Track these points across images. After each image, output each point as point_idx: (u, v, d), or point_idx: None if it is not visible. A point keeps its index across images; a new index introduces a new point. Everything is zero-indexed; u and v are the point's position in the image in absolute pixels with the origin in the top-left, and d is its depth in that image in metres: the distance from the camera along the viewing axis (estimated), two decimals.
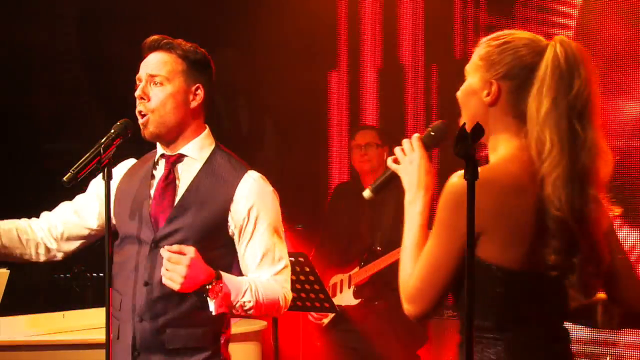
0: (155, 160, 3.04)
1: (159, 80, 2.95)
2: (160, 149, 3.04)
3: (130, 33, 6.58)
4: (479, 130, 2.15)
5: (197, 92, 2.99)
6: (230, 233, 2.96)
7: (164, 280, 2.79)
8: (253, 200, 2.94)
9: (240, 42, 6.41)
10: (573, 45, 2.29)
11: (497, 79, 2.32)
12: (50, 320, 4.27)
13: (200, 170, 2.98)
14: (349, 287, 5.64)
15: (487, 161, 2.36)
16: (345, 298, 5.63)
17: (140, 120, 2.97)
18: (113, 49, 6.61)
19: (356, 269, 5.65)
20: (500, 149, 2.35)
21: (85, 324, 4.28)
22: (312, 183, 6.92)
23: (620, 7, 5.45)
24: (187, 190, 2.97)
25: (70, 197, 3.24)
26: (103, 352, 2.79)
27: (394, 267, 5.31)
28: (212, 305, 2.83)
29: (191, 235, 2.88)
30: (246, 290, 2.88)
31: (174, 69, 2.96)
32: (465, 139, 2.08)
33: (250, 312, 2.90)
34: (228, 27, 6.44)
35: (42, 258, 3.18)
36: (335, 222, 5.92)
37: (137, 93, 2.97)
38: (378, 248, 5.59)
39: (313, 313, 5.58)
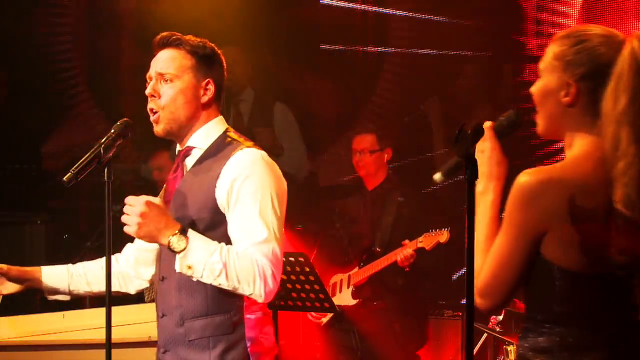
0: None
1: (168, 77, 2.95)
2: (177, 146, 3.06)
3: (136, 34, 6.62)
4: (479, 130, 2.15)
5: (207, 87, 2.99)
6: (223, 210, 2.88)
7: (125, 228, 2.76)
8: (238, 172, 2.86)
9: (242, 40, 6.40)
10: None
11: (576, 80, 2.29)
12: (50, 320, 4.26)
13: (200, 156, 2.98)
14: (348, 287, 5.65)
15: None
16: (344, 298, 5.63)
17: (152, 118, 2.97)
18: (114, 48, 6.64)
19: (355, 269, 5.66)
20: (575, 147, 2.32)
21: (85, 324, 4.27)
22: (312, 183, 6.92)
23: (620, 7, 5.45)
24: (185, 176, 2.98)
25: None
26: (103, 352, 2.79)
27: (392, 269, 5.37)
28: (177, 262, 2.76)
29: (189, 216, 2.86)
30: (215, 251, 2.75)
31: (182, 65, 2.97)
32: (465, 139, 2.08)
33: (221, 279, 2.75)
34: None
35: (131, 289, 3.25)
36: (336, 223, 5.94)
37: (148, 91, 2.97)
38: (377, 249, 5.59)
39: (312, 312, 5.59)
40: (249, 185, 2.84)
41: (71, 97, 7.11)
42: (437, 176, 2.41)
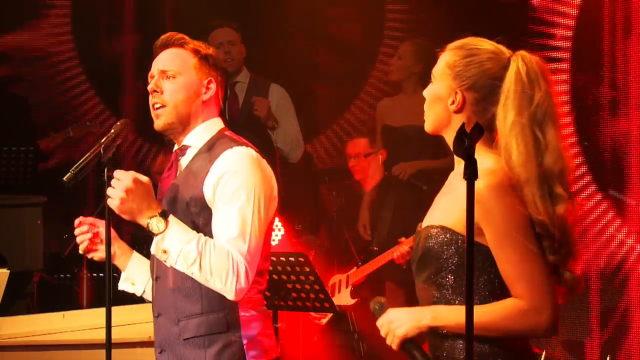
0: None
1: (171, 74, 2.97)
2: (175, 146, 3.06)
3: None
4: (478, 129, 2.16)
5: (209, 86, 3.01)
6: (210, 205, 2.88)
7: (108, 201, 2.76)
8: (226, 168, 2.86)
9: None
10: (534, 61, 2.47)
11: (463, 90, 2.48)
12: (50, 320, 4.27)
13: (194, 155, 2.98)
14: (347, 287, 5.67)
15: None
16: (343, 298, 5.65)
17: (154, 112, 2.98)
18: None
19: (354, 269, 5.67)
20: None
21: (85, 324, 4.28)
22: (312, 183, 6.93)
23: (619, 7, 5.46)
24: (178, 176, 2.98)
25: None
26: (103, 352, 2.80)
27: (390, 267, 5.38)
28: (153, 244, 2.78)
29: (177, 212, 2.86)
30: (192, 240, 2.76)
31: (186, 62, 2.99)
32: (465, 139, 2.09)
33: (194, 268, 2.75)
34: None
35: None
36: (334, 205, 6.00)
37: (150, 87, 2.99)
38: (375, 248, 5.62)
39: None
40: (234, 182, 2.85)
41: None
42: None
